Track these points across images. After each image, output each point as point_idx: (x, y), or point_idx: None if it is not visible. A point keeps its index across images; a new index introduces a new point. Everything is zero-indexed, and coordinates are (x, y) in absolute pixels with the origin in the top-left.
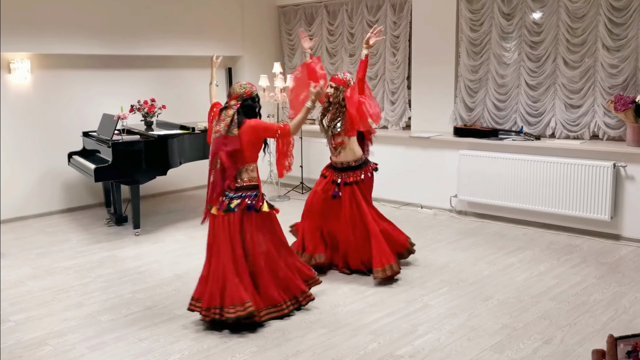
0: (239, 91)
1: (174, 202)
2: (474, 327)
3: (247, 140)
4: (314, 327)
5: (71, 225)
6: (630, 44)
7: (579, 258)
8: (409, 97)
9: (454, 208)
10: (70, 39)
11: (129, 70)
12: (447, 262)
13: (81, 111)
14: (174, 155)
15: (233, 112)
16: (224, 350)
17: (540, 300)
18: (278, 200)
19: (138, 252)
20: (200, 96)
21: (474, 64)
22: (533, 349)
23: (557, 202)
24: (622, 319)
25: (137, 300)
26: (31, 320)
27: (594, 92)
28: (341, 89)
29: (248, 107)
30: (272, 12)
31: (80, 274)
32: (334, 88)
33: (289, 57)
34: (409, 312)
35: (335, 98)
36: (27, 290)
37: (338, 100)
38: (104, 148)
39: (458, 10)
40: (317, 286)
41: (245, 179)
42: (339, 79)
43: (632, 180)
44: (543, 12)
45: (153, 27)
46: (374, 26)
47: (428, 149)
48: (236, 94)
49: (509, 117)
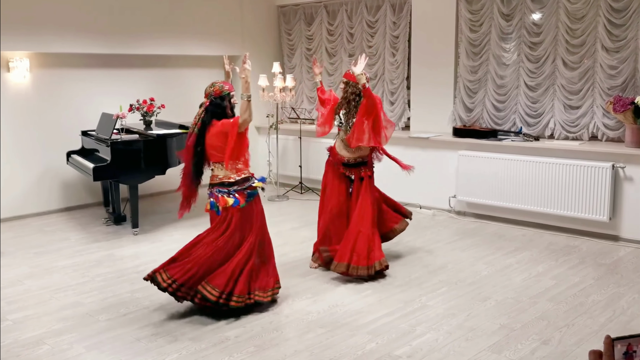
0: (208, 90)
1: (173, 202)
2: (472, 327)
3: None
4: (312, 327)
5: (69, 224)
6: (630, 45)
7: (578, 259)
8: (408, 97)
9: (452, 208)
10: (69, 38)
11: (128, 70)
12: (445, 262)
13: (80, 110)
14: (172, 154)
15: (201, 110)
16: (222, 350)
17: (538, 300)
18: (277, 200)
19: (136, 252)
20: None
21: (474, 64)
22: (531, 349)
23: (556, 203)
24: (620, 319)
25: (135, 299)
26: (29, 319)
27: (593, 93)
28: (351, 84)
29: (216, 105)
30: (272, 11)
31: (79, 273)
32: (345, 83)
33: (289, 57)
34: (407, 312)
35: (345, 93)
36: (25, 289)
37: (348, 95)
38: (103, 147)
39: (457, 10)
40: (315, 285)
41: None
42: (349, 74)
43: (630, 181)
44: (542, 13)
45: (152, 26)
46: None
47: (427, 149)
48: (206, 93)
49: (508, 118)
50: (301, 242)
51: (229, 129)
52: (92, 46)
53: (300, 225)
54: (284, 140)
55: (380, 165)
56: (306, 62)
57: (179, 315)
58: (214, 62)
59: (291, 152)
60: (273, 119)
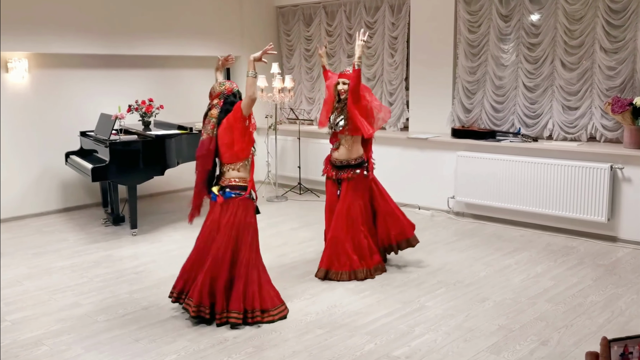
0: (219, 89)
1: (171, 202)
2: (470, 328)
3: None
4: (310, 328)
5: (68, 225)
6: (628, 46)
7: (576, 260)
8: (407, 98)
9: (451, 209)
10: (68, 38)
11: (127, 70)
12: (444, 263)
13: (79, 111)
14: (171, 155)
15: (217, 111)
16: (220, 350)
17: (537, 301)
18: (276, 201)
19: (135, 252)
20: (199, 96)
21: (472, 65)
22: (529, 350)
23: (555, 204)
24: (619, 320)
25: (133, 300)
26: (27, 319)
27: (591, 94)
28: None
29: (230, 103)
30: (271, 12)
31: (77, 274)
32: (347, 85)
33: (287, 58)
34: (405, 313)
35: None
36: (23, 289)
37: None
38: (102, 148)
39: (456, 11)
40: (314, 286)
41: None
42: (348, 74)
43: (629, 182)
44: (541, 14)
45: (151, 26)
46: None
47: (426, 150)
48: (217, 93)
49: (506, 119)
50: (300, 242)
51: (234, 116)
52: (91, 46)
53: (300, 226)
54: (282, 140)
55: (378, 166)
56: (305, 62)
57: (178, 316)
58: (212, 62)
59: (290, 152)
60: (272, 119)
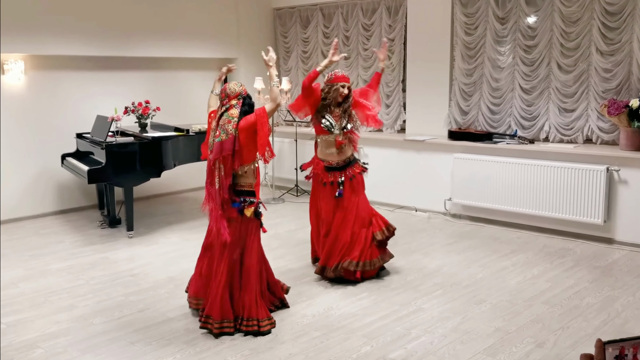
0: (238, 90)
1: (168, 204)
2: (467, 330)
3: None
4: (306, 330)
5: (64, 227)
6: (624, 48)
7: (572, 262)
8: (403, 100)
9: (448, 211)
10: (64, 40)
11: (123, 72)
12: (440, 265)
13: (75, 113)
14: (168, 157)
15: (237, 111)
16: (216, 353)
17: (533, 303)
18: (273, 203)
19: (131, 255)
20: (195, 98)
21: (469, 67)
22: (526, 352)
23: (551, 206)
24: (615, 322)
25: (129, 302)
26: (23, 322)
27: (587, 96)
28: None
29: (249, 105)
30: (268, 14)
31: (73, 276)
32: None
33: (284, 60)
34: (402, 315)
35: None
36: (19, 292)
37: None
38: (98, 150)
39: (453, 13)
40: (311, 288)
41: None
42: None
43: (625, 184)
44: (537, 16)
45: (148, 28)
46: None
47: (422, 152)
48: (236, 93)
49: (503, 121)
50: (296, 244)
51: (258, 120)
52: (87, 48)
53: (297, 228)
54: (279, 142)
55: (375, 168)
56: (302, 64)
57: (174, 319)
58: (209, 64)
59: (287, 154)
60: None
